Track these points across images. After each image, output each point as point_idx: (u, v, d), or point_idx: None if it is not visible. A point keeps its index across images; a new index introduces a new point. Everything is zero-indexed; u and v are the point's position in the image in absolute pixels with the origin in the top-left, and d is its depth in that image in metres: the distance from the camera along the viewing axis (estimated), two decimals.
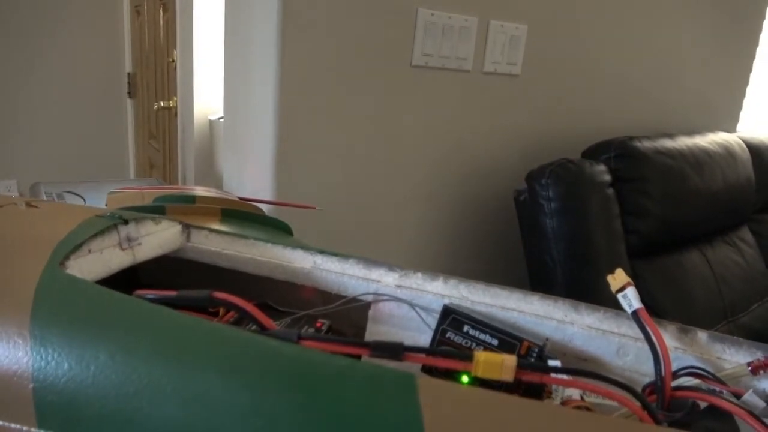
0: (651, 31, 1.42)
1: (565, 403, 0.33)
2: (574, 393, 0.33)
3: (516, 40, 1.14)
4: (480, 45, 1.09)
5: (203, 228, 0.49)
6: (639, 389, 0.32)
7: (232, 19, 1.16)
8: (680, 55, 1.52)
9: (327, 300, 0.45)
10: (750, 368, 0.35)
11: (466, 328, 0.38)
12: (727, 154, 1.43)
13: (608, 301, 0.40)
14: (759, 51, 1.77)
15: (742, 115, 1.81)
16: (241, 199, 0.87)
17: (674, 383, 0.34)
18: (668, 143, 1.30)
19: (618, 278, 0.37)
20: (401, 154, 1.05)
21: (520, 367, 0.28)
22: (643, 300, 0.35)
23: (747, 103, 1.81)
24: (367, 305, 0.44)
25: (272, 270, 0.47)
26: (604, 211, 1.18)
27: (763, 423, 0.28)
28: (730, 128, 1.78)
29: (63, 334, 0.28)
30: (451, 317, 0.38)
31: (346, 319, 0.44)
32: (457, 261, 1.29)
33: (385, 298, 0.43)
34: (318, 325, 0.43)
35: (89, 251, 0.38)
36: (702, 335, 0.38)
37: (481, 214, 1.29)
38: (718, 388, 0.34)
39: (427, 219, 1.19)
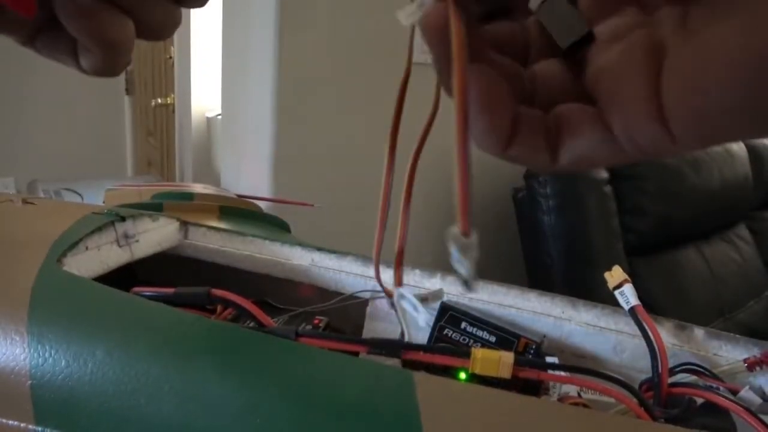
0: None
1: (562, 399, 0.33)
2: (572, 390, 0.33)
3: None
4: None
5: (201, 225, 0.48)
6: (636, 386, 0.32)
7: (229, 15, 1.16)
8: None
9: (325, 297, 0.45)
10: (746, 365, 0.35)
11: (463, 325, 0.38)
12: (725, 152, 1.43)
13: (606, 298, 0.40)
14: None
15: None
16: (239, 196, 0.87)
17: (671, 380, 0.34)
18: None
19: (615, 275, 0.37)
20: (399, 151, 1.05)
21: (518, 364, 0.28)
22: (640, 297, 0.36)
23: None
24: (365, 302, 0.44)
25: (270, 267, 0.47)
26: (602, 209, 1.18)
27: (759, 419, 0.28)
28: None
29: (60, 331, 0.28)
30: (449, 314, 0.38)
31: (344, 316, 0.44)
32: None
33: (382, 295, 0.43)
34: (316, 322, 0.43)
35: (86, 248, 0.38)
36: (699, 332, 0.38)
37: (479, 211, 1.29)
38: (714, 385, 0.34)
39: (425, 216, 1.19)
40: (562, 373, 0.29)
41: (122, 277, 0.40)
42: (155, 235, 0.45)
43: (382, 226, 0.23)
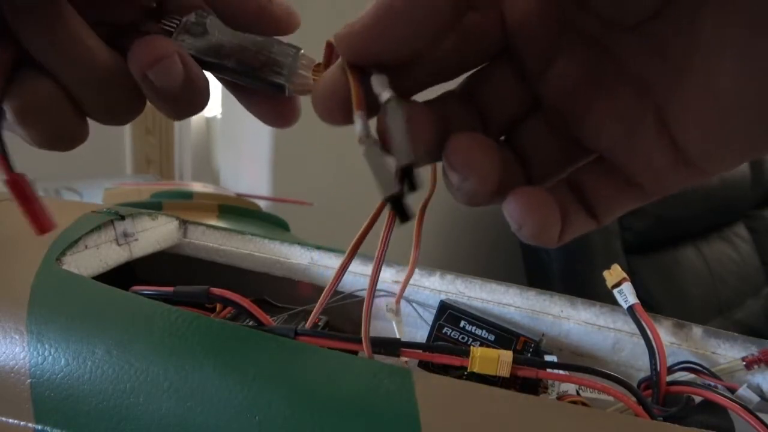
0: None
1: (561, 398, 0.33)
2: (570, 388, 0.33)
3: None
4: None
5: (200, 224, 0.48)
6: (635, 384, 0.32)
7: None
8: None
9: None
10: (744, 363, 0.35)
11: (462, 323, 0.38)
12: None
13: (604, 297, 0.40)
14: None
15: None
16: (238, 195, 0.87)
17: (669, 378, 0.34)
18: None
19: (614, 274, 0.37)
20: None
21: (517, 362, 0.28)
22: (638, 295, 0.36)
23: None
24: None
25: (269, 266, 0.47)
26: None
27: (757, 417, 0.28)
28: None
29: (60, 329, 0.28)
30: (448, 313, 0.38)
31: (343, 315, 0.44)
32: (454, 256, 1.29)
33: (381, 293, 0.43)
34: (315, 320, 0.43)
35: (86, 247, 0.38)
36: (697, 330, 0.38)
37: (477, 209, 1.29)
38: (712, 383, 0.34)
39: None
40: (561, 372, 0.29)
41: (121, 276, 0.40)
42: (154, 233, 0.45)
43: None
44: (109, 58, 0.20)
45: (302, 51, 0.24)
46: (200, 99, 0.21)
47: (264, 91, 0.21)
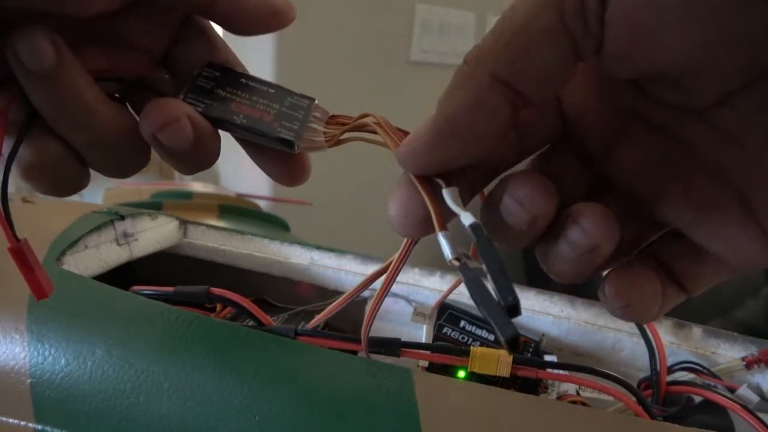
0: None
1: (560, 398, 0.33)
2: (570, 388, 0.33)
3: None
4: (478, 41, 1.09)
5: (200, 224, 0.49)
6: (634, 384, 0.32)
7: None
8: None
9: (324, 296, 0.45)
10: (744, 363, 0.35)
11: (462, 323, 0.38)
12: None
13: None
14: None
15: None
16: (238, 195, 0.87)
17: (669, 378, 0.34)
18: None
19: None
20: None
21: (516, 362, 0.28)
22: None
23: None
24: (364, 301, 0.44)
25: (269, 266, 0.47)
26: None
27: (757, 417, 0.28)
28: None
29: (60, 329, 0.28)
30: (448, 312, 0.38)
31: (343, 315, 0.44)
32: None
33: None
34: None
35: (86, 247, 0.38)
36: (697, 330, 0.38)
37: (478, 208, 1.29)
38: (712, 383, 0.34)
39: None
40: (561, 372, 0.29)
41: (121, 276, 0.40)
42: (154, 233, 0.45)
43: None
44: (118, 123, 0.20)
45: (316, 101, 0.23)
46: (210, 157, 0.21)
47: (273, 146, 0.21)
